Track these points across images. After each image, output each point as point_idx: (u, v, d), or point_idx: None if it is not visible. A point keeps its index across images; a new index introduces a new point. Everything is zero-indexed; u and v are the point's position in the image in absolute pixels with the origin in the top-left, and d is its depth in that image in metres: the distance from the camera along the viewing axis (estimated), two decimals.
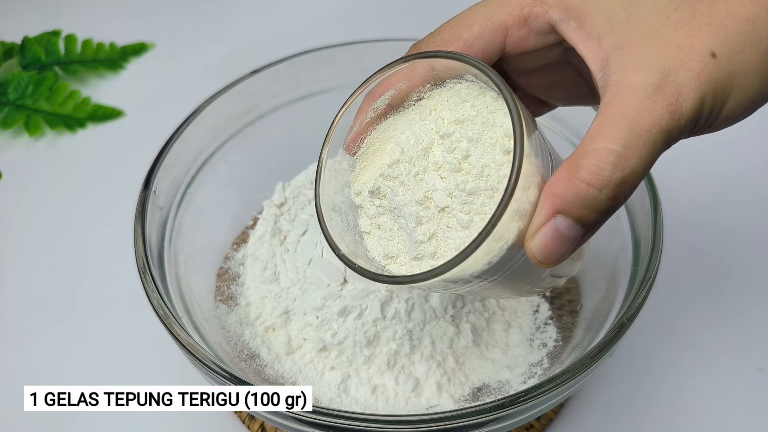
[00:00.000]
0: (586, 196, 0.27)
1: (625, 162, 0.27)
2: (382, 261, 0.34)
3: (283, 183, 0.53)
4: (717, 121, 0.30)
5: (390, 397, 0.44)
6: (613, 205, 0.28)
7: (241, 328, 0.47)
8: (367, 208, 0.34)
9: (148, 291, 0.40)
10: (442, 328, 0.44)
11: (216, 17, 0.81)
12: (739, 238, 0.57)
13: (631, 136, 0.27)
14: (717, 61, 0.28)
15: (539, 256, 0.29)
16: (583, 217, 0.28)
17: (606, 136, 0.27)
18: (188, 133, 0.48)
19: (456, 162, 0.32)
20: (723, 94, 0.28)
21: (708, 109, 0.29)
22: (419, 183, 0.33)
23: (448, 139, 0.32)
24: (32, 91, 0.68)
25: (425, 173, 0.33)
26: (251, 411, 0.39)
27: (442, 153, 0.32)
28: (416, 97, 0.35)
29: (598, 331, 0.41)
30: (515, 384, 0.44)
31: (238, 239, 0.53)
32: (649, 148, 0.28)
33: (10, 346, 0.52)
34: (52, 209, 0.62)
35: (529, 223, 0.29)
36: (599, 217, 0.28)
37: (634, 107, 0.28)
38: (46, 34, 0.73)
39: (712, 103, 0.28)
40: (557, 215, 0.28)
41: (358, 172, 0.35)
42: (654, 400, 0.48)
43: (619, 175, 0.27)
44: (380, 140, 0.35)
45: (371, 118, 0.35)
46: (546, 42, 0.33)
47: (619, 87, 0.28)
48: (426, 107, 0.34)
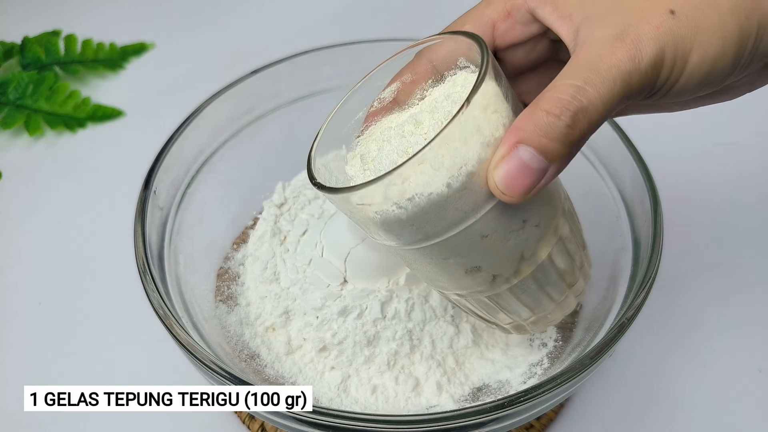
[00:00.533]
0: (544, 124, 0.29)
1: (583, 93, 0.29)
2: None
3: (283, 183, 0.53)
4: (683, 78, 0.31)
5: (390, 397, 0.44)
6: (571, 132, 0.29)
7: (241, 328, 0.47)
8: (355, 176, 0.35)
9: (148, 291, 0.40)
10: (442, 328, 0.44)
11: (216, 17, 0.81)
12: (739, 238, 0.57)
13: (590, 74, 0.29)
14: (676, 17, 0.30)
15: (501, 185, 0.30)
16: (545, 146, 0.29)
17: (567, 74, 0.30)
18: (188, 133, 0.48)
19: (440, 122, 0.33)
20: (684, 48, 0.30)
21: (670, 61, 0.30)
22: (405, 139, 0.34)
23: (436, 112, 0.34)
24: (32, 91, 0.68)
25: (411, 136, 0.34)
26: (251, 411, 0.39)
27: (429, 120, 0.34)
28: (419, 96, 0.36)
29: (598, 331, 0.41)
30: (515, 384, 0.44)
31: (238, 239, 0.53)
32: (608, 86, 0.29)
33: (11, 346, 0.52)
34: (52, 209, 0.62)
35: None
36: (560, 147, 0.29)
37: (596, 53, 0.30)
38: (46, 34, 0.73)
39: (674, 55, 0.30)
40: (519, 145, 0.29)
41: (356, 153, 0.36)
42: (654, 400, 0.48)
43: (576, 103, 0.29)
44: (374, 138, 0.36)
45: (377, 108, 0.37)
46: (530, 32, 0.35)
47: (584, 41, 0.31)
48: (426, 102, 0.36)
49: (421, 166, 0.30)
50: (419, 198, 0.30)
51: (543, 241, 0.35)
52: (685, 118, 0.64)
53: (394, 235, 0.33)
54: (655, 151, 0.49)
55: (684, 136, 0.63)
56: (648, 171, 0.44)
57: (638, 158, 0.44)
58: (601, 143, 0.47)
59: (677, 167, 0.61)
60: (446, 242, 0.32)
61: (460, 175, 0.30)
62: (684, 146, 0.63)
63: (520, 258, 0.35)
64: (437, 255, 0.34)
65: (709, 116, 0.65)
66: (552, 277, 0.37)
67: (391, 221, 0.32)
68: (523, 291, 0.37)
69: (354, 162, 0.36)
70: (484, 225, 0.32)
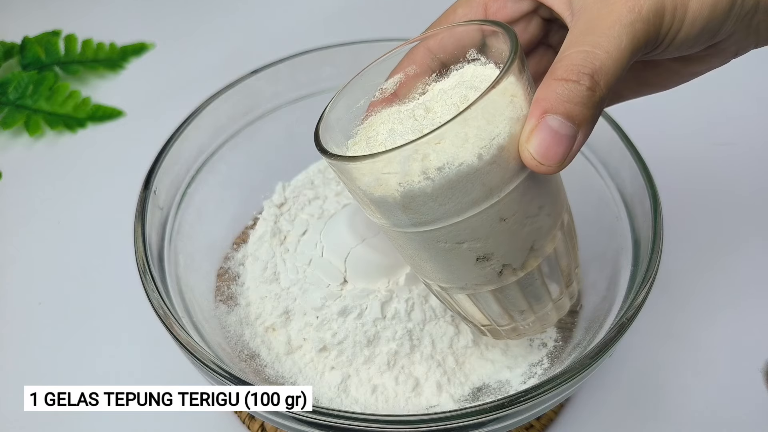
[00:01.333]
0: (566, 90, 0.29)
1: (594, 56, 0.29)
2: None
3: (283, 183, 0.53)
4: (684, 25, 0.31)
5: (390, 397, 0.44)
6: (593, 95, 0.29)
7: (241, 328, 0.47)
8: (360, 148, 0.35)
9: (148, 291, 0.40)
10: (442, 328, 0.44)
11: (216, 17, 0.81)
12: (739, 238, 0.57)
13: (595, 36, 0.30)
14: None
15: (538, 155, 0.30)
16: (570, 111, 0.29)
17: (573, 44, 0.30)
18: (188, 133, 0.48)
19: (455, 106, 0.33)
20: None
21: (671, 6, 0.31)
22: (418, 122, 0.33)
23: (446, 95, 0.34)
24: (32, 91, 0.68)
25: (423, 120, 0.33)
26: (251, 411, 0.39)
27: (441, 105, 0.33)
28: (420, 90, 0.36)
29: (598, 331, 0.41)
30: (515, 384, 0.44)
31: (238, 239, 0.53)
32: (615, 43, 0.30)
33: (11, 346, 0.52)
34: (52, 209, 0.62)
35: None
36: (584, 110, 0.30)
37: (595, 15, 0.30)
38: (46, 34, 0.73)
39: (674, 1, 0.31)
40: (546, 114, 0.29)
41: (357, 140, 0.36)
42: (654, 400, 0.48)
43: (590, 66, 0.29)
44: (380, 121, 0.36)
45: (378, 99, 0.37)
46: (521, 9, 0.36)
47: (581, 9, 0.31)
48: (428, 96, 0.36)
49: (457, 134, 0.29)
50: (449, 168, 0.30)
51: (551, 234, 0.35)
52: (685, 118, 0.64)
53: (412, 212, 0.32)
54: (655, 151, 0.49)
55: (684, 136, 0.64)
56: (648, 171, 0.44)
57: (638, 158, 0.44)
58: (601, 143, 0.46)
59: (677, 167, 0.61)
60: (465, 222, 0.32)
61: (491, 147, 0.30)
62: (684, 146, 0.63)
63: (531, 248, 0.35)
64: (452, 239, 0.33)
65: (709, 116, 0.65)
66: (555, 273, 0.37)
67: (414, 194, 0.31)
68: (528, 284, 0.37)
69: (357, 147, 0.35)
70: (505, 206, 0.32)
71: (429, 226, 0.32)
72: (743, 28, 0.33)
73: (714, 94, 0.63)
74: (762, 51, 0.37)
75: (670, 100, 0.41)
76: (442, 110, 0.33)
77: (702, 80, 0.38)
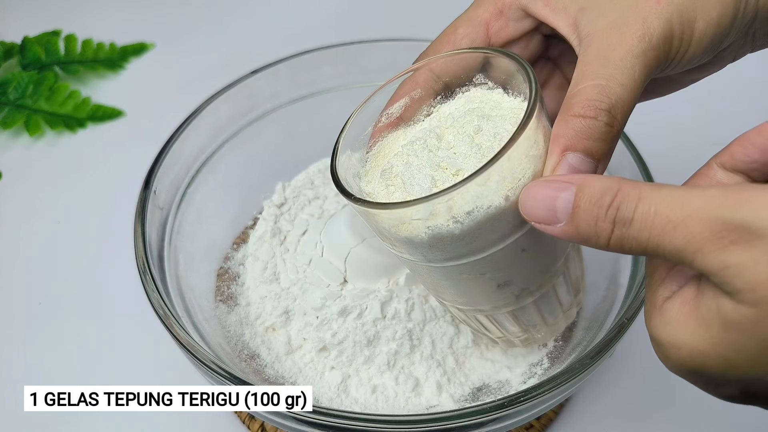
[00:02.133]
0: (584, 128, 0.29)
1: (609, 91, 0.30)
2: None
3: (283, 183, 0.53)
4: (692, 45, 0.32)
5: (390, 397, 0.44)
6: (611, 130, 0.30)
7: (241, 328, 0.47)
8: (377, 193, 0.35)
9: (148, 291, 0.40)
10: (442, 328, 0.44)
11: (216, 17, 0.81)
12: None
13: (609, 69, 0.30)
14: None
15: None
16: (590, 147, 0.30)
17: (586, 76, 0.30)
18: (188, 133, 0.48)
19: (469, 136, 0.33)
20: (689, 17, 0.31)
21: (679, 31, 0.31)
22: (432, 154, 0.34)
23: (458, 122, 0.34)
24: (32, 91, 0.68)
25: (438, 151, 0.34)
26: (251, 411, 0.39)
27: (454, 135, 0.34)
28: (426, 112, 0.37)
29: (598, 331, 0.41)
30: (515, 384, 0.44)
31: (238, 239, 0.53)
32: (629, 74, 0.30)
33: (10, 346, 0.52)
34: (52, 209, 0.62)
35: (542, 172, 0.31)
36: (603, 145, 0.30)
37: (605, 45, 0.30)
38: (46, 34, 0.73)
39: (681, 24, 0.31)
40: (566, 152, 0.30)
41: (368, 169, 0.36)
42: (654, 400, 0.48)
43: (606, 101, 0.30)
44: (389, 147, 0.36)
45: (385, 124, 0.37)
46: (523, 28, 0.36)
47: (590, 36, 0.31)
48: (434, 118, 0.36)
49: (487, 182, 0.30)
50: (477, 212, 0.30)
51: (564, 254, 0.36)
52: (685, 118, 0.64)
53: (438, 250, 0.32)
54: (655, 151, 0.49)
55: (684, 136, 0.64)
56: (648, 171, 0.44)
57: (638, 158, 0.44)
58: None
59: (677, 167, 0.60)
60: (489, 257, 0.33)
61: (517, 188, 0.30)
62: (684, 146, 0.63)
63: (546, 271, 0.36)
64: (476, 271, 0.33)
65: (709, 116, 0.65)
66: (567, 287, 0.38)
67: (442, 236, 0.31)
68: (544, 302, 0.37)
69: (371, 178, 0.36)
70: (527, 238, 0.32)
71: (454, 261, 0.33)
72: (741, 36, 0.34)
73: (714, 95, 0.63)
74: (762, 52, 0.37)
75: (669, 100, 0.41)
76: (456, 140, 0.33)
77: (702, 81, 0.39)
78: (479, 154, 0.32)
